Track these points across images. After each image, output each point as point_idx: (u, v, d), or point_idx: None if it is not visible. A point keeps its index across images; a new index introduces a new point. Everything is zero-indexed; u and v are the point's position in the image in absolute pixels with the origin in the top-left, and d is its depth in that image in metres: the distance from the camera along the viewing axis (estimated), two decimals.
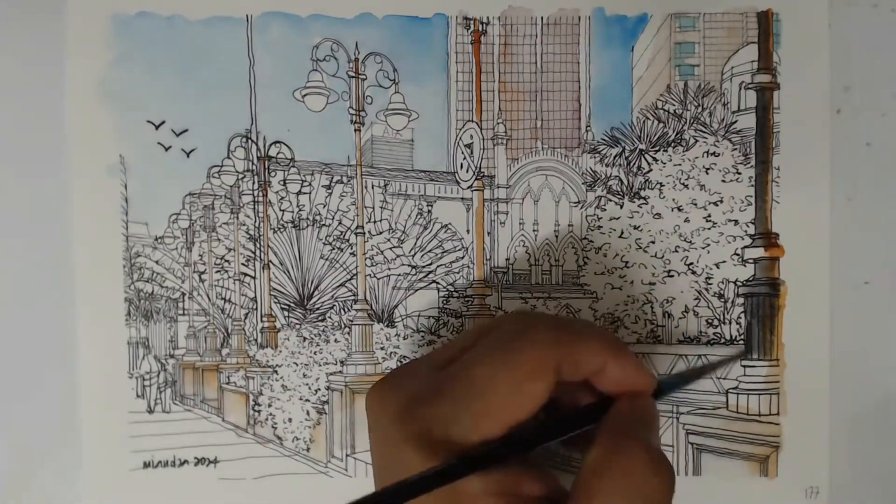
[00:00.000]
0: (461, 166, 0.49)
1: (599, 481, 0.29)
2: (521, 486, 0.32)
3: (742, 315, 0.48)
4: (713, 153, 0.48)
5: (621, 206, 0.49)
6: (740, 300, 0.48)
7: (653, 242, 0.49)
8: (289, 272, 0.49)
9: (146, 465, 0.47)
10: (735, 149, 0.48)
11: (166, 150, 0.48)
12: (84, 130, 0.47)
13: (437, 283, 0.49)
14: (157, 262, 0.48)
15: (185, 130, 0.48)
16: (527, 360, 0.31)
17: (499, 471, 0.31)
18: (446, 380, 0.32)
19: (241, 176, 0.49)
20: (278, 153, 0.48)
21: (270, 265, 0.49)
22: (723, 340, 0.48)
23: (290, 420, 0.48)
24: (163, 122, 0.48)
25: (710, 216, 0.48)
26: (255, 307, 0.49)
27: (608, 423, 0.33)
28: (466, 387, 0.31)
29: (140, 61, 0.47)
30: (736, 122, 0.48)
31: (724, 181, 0.48)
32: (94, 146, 0.47)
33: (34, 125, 0.47)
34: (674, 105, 0.48)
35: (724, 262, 0.48)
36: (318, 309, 0.49)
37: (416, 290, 0.49)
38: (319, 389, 0.48)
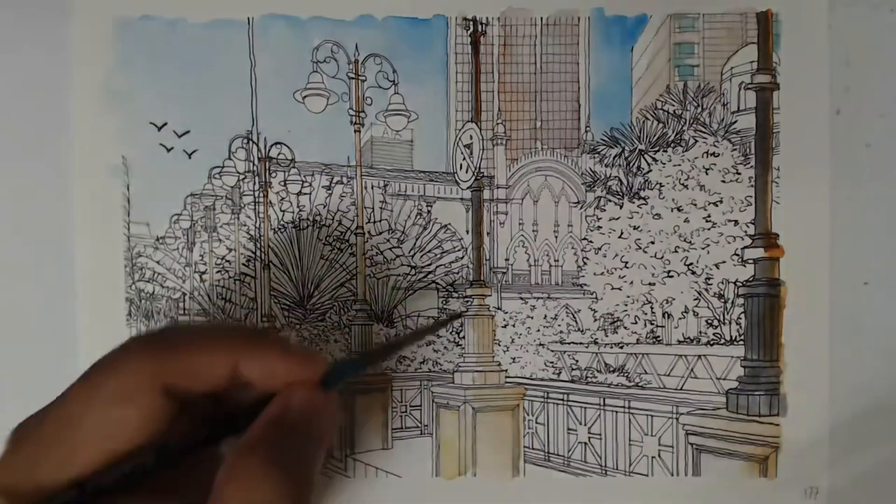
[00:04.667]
0: (461, 167, 0.49)
1: (219, 500, 0.29)
2: None
3: (742, 315, 0.47)
4: (713, 153, 0.48)
5: (621, 207, 0.49)
6: (740, 300, 0.48)
7: (652, 243, 0.49)
8: (289, 272, 0.49)
9: None
10: (735, 149, 0.48)
11: (168, 151, 0.48)
12: (87, 132, 0.48)
13: (437, 283, 0.49)
14: (158, 263, 0.48)
15: (187, 132, 0.48)
16: (110, 387, 0.30)
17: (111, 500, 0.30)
18: (37, 422, 0.31)
19: (241, 177, 0.49)
20: (279, 154, 0.48)
21: (271, 265, 0.49)
22: (723, 341, 0.48)
23: None
24: (165, 124, 0.48)
25: (709, 216, 0.48)
26: (255, 307, 0.49)
27: (248, 431, 0.31)
28: (53, 428, 0.30)
29: (143, 64, 0.48)
30: (736, 122, 0.48)
31: (723, 181, 0.48)
32: (97, 147, 0.48)
33: (39, 126, 0.48)
34: (673, 105, 0.48)
35: (723, 262, 0.48)
36: (317, 309, 0.49)
37: (416, 291, 0.49)
38: None
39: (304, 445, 0.31)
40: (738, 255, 0.48)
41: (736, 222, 0.48)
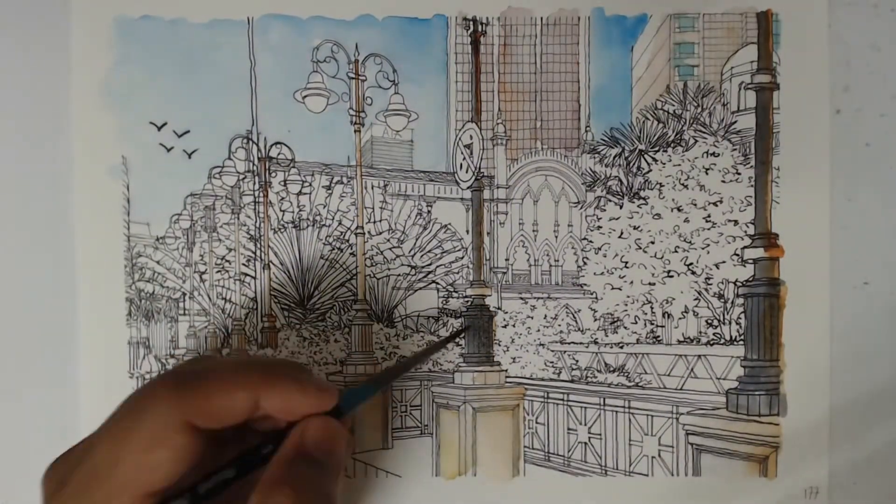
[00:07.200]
0: (461, 167, 0.49)
1: None
2: None
3: (742, 315, 0.48)
4: (713, 153, 0.48)
5: (621, 207, 0.49)
6: (740, 300, 0.48)
7: (652, 243, 0.49)
8: (289, 272, 0.49)
9: None
10: (735, 149, 0.48)
11: (168, 150, 0.48)
12: (87, 131, 0.48)
13: (437, 283, 0.49)
14: (158, 263, 0.48)
15: (187, 131, 0.48)
16: (143, 432, 0.31)
17: None
18: (72, 467, 0.31)
19: (241, 177, 0.49)
20: (279, 154, 0.48)
21: (271, 265, 0.49)
22: (723, 341, 0.48)
23: None
24: (165, 124, 0.48)
25: (709, 216, 0.48)
26: (255, 307, 0.49)
27: (269, 466, 0.32)
28: (86, 474, 0.31)
29: (143, 63, 0.48)
30: (736, 122, 0.48)
31: (723, 181, 0.48)
32: (97, 147, 0.48)
33: (38, 126, 0.48)
34: (673, 105, 0.48)
35: (723, 262, 0.48)
36: (318, 309, 0.49)
37: (416, 291, 0.49)
38: None
39: (324, 475, 0.32)
40: (738, 255, 0.48)
41: (736, 222, 0.48)
